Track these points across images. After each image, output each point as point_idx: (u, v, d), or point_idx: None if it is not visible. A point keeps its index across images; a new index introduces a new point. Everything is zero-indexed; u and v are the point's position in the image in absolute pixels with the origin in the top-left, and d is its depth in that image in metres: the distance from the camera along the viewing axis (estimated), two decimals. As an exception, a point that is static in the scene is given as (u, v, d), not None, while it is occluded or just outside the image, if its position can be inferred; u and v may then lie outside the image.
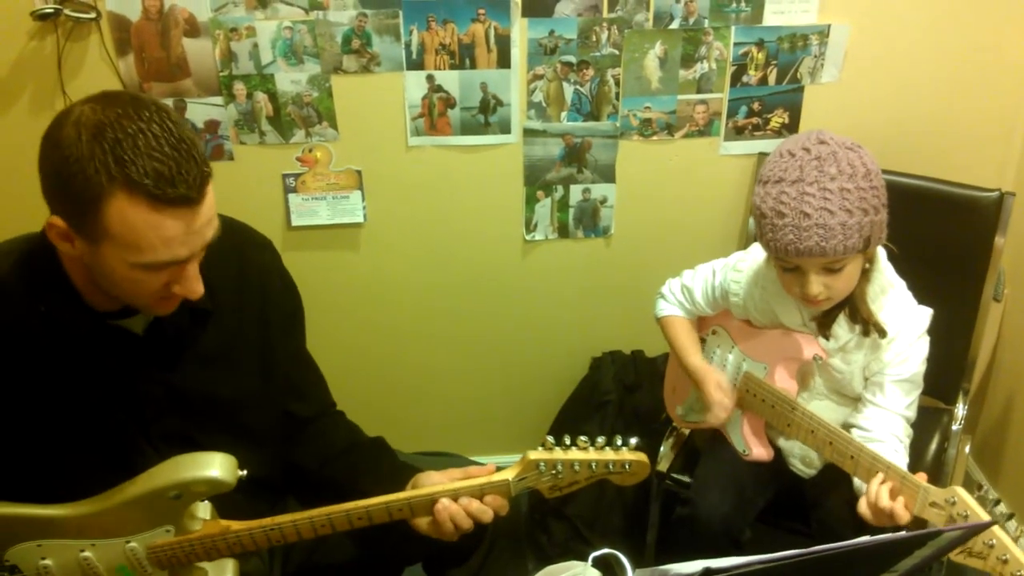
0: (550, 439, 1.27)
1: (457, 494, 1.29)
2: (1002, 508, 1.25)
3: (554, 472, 1.28)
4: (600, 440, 1.28)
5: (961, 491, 1.27)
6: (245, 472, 1.22)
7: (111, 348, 1.23)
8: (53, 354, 1.19)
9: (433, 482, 1.33)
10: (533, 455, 1.27)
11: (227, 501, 1.27)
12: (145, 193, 1.04)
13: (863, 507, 1.38)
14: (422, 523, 1.31)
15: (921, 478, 1.33)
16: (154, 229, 1.06)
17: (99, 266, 1.12)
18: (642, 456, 1.29)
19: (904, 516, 1.33)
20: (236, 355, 1.34)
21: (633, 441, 1.29)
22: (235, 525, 1.28)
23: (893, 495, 1.35)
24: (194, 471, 1.20)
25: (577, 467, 1.28)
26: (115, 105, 1.06)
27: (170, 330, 1.27)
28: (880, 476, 1.37)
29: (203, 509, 1.29)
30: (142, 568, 1.27)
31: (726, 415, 1.62)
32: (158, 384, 1.28)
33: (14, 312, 1.18)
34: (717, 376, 1.64)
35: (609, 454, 1.28)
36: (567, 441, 1.28)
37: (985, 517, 1.24)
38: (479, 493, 1.29)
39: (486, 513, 1.28)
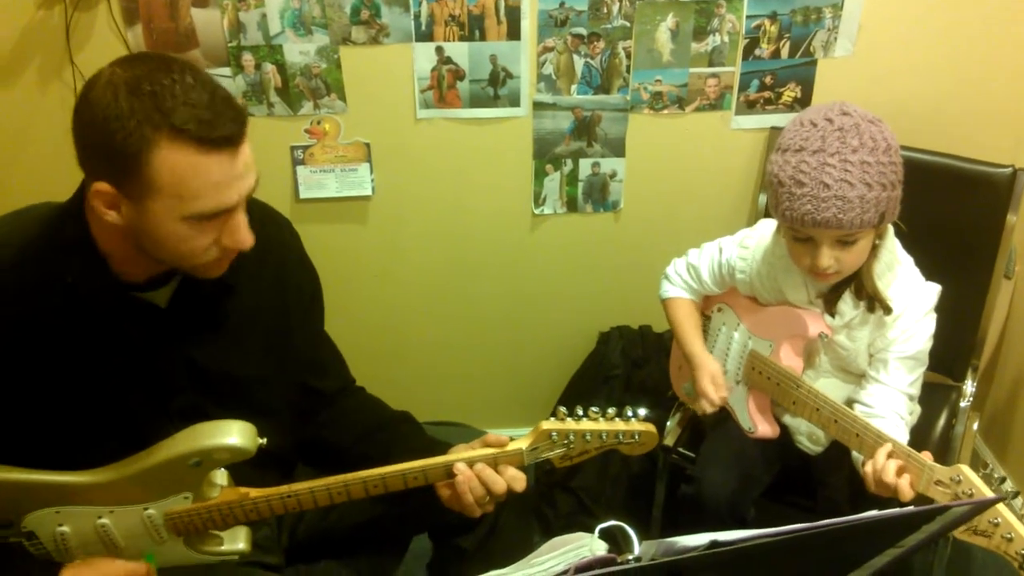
0: (562, 409, 1.30)
1: (471, 461, 1.30)
2: (1008, 486, 1.25)
3: (566, 442, 1.30)
4: (611, 411, 1.31)
5: (966, 469, 1.27)
6: (264, 440, 1.23)
7: (134, 320, 1.23)
8: (76, 324, 1.19)
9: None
10: (546, 425, 1.30)
11: (240, 472, 1.28)
12: (189, 138, 1.05)
13: (867, 470, 1.38)
14: (445, 494, 1.33)
15: (926, 457, 1.33)
16: (201, 175, 1.07)
17: (148, 228, 1.11)
18: (651, 427, 1.32)
19: (908, 493, 1.33)
20: (254, 332, 1.35)
21: (642, 412, 1.32)
22: (253, 492, 1.29)
23: (899, 472, 1.35)
24: (215, 439, 1.21)
25: (588, 437, 1.30)
26: (144, 62, 1.08)
27: (193, 303, 1.27)
28: (888, 447, 1.37)
29: (221, 476, 1.30)
30: (159, 535, 1.29)
31: (712, 410, 1.62)
32: (179, 357, 1.28)
33: (39, 280, 1.18)
34: (713, 368, 1.64)
35: (619, 424, 1.31)
36: (579, 412, 1.31)
37: (990, 495, 1.24)
38: (493, 462, 1.31)
39: (499, 483, 1.29)
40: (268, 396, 1.38)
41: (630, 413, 1.32)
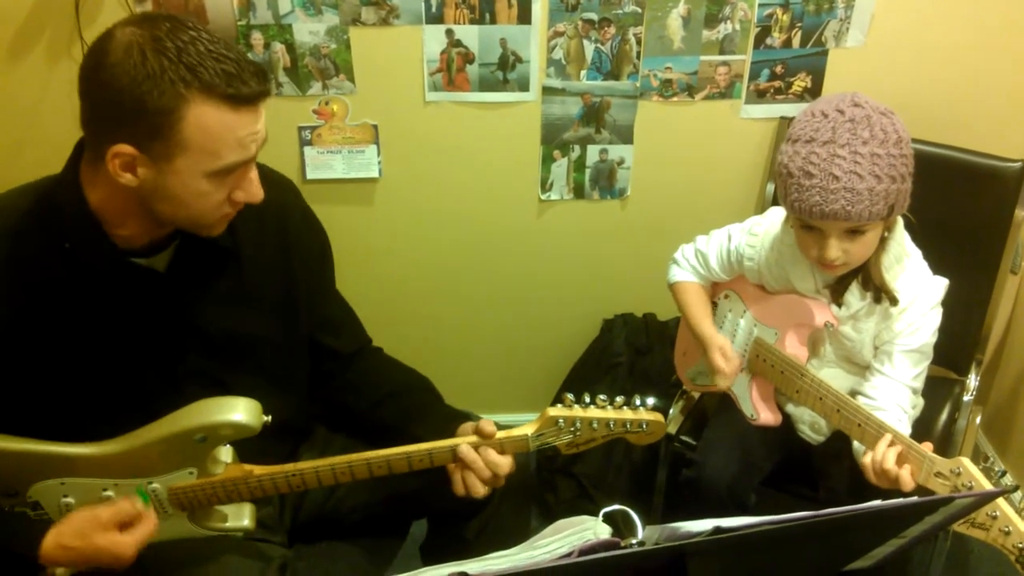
0: (569, 396, 1.29)
1: (477, 445, 1.30)
2: (1008, 480, 1.25)
3: (573, 429, 1.30)
4: (619, 399, 1.30)
5: (966, 461, 1.27)
6: (269, 418, 1.23)
7: (134, 286, 1.24)
8: (75, 292, 1.20)
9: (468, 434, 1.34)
10: (552, 411, 1.29)
11: (248, 444, 1.28)
12: (221, 94, 1.07)
13: (866, 461, 1.39)
14: (453, 475, 1.33)
15: (927, 448, 1.34)
16: (230, 130, 1.09)
17: (168, 186, 1.12)
18: (659, 416, 1.32)
19: (909, 483, 1.33)
20: (258, 294, 1.35)
21: (651, 401, 1.31)
22: (257, 470, 1.29)
23: (899, 462, 1.35)
24: (220, 414, 1.21)
25: (595, 425, 1.30)
26: (158, 21, 1.08)
27: (193, 268, 1.27)
28: (888, 437, 1.37)
29: (225, 453, 1.30)
30: (163, 510, 1.29)
31: (728, 382, 1.62)
32: (181, 323, 1.29)
33: (36, 249, 1.18)
34: (721, 342, 1.64)
35: (627, 413, 1.30)
36: (586, 399, 1.30)
37: (990, 488, 1.24)
38: (498, 447, 1.31)
39: (504, 464, 1.30)
40: (274, 360, 1.38)
41: (638, 402, 1.31)
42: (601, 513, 0.94)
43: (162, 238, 1.24)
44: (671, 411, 1.91)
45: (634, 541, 0.90)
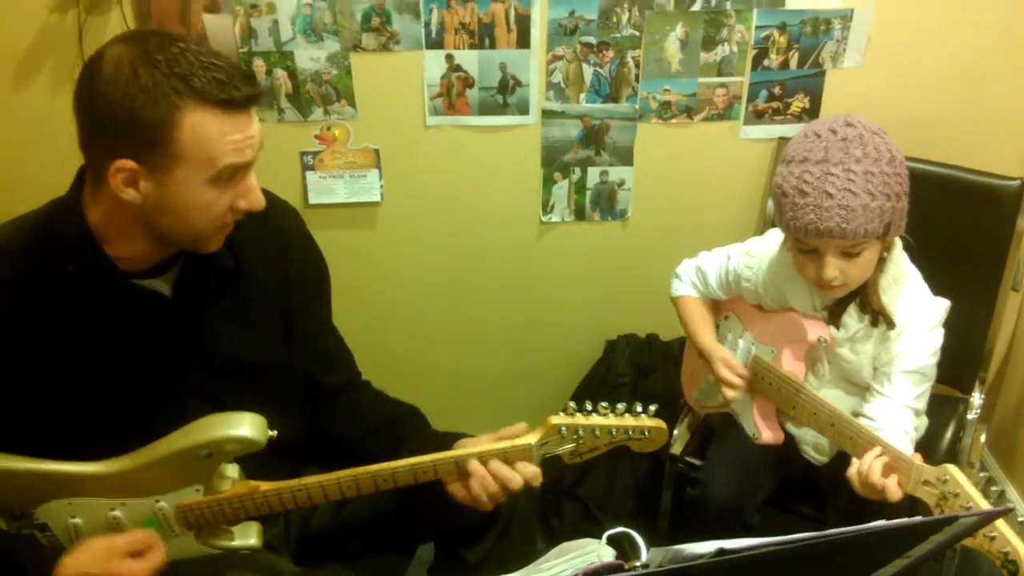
0: (572, 404, 1.30)
1: (483, 456, 1.30)
2: (994, 486, 1.26)
3: (575, 437, 1.31)
4: (620, 406, 1.31)
5: (953, 469, 1.27)
6: (275, 433, 1.24)
7: (137, 307, 1.24)
8: (78, 312, 1.21)
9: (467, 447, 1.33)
10: (555, 419, 1.30)
11: (252, 465, 1.28)
12: (214, 100, 1.09)
13: (851, 473, 1.38)
14: (456, 490, 1.32)
15: (916, 458, 1.34)
16: (225, 134, 1.11)
17: (170, 198, 1.13)
18: (661, 423, 1.32)
19: (896, 493, 1.33)
20: (259, 317, 1.36)
21: (652, 408, 1.32)
22: (263, 486, 1.29)
23: (887, 472, 1.35)
24: (226, 430, 1.22)
25: (598, 432, 1.31)
26: (146, 36, 1.11)
27: (197, 289, 1.28)
28: (877, 449, 1.37)
29: (232, 470, 1.30)
30: (170, 528, 1.29)
31: (734, 393, 1.62)
32: (186, 343, 1.29)
33: (39, 272, 1.19)
34: (724, 354, 1.64)
35: (629, 420, 1.31)
36: (588, 407, 1.31)
37: (977, 495, 1.24)
38: (503, 457, 1.31)
39: (515, 480, 1.29)
40: (275, 382, 1.39)
41: (639, 409, 1.32)
42: (605, 536, 0.93)
43: (166, 259, 1.25)
44: (675, 431, 1.91)
45: (638, 564, 0.89)
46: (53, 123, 1.98)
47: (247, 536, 1.34)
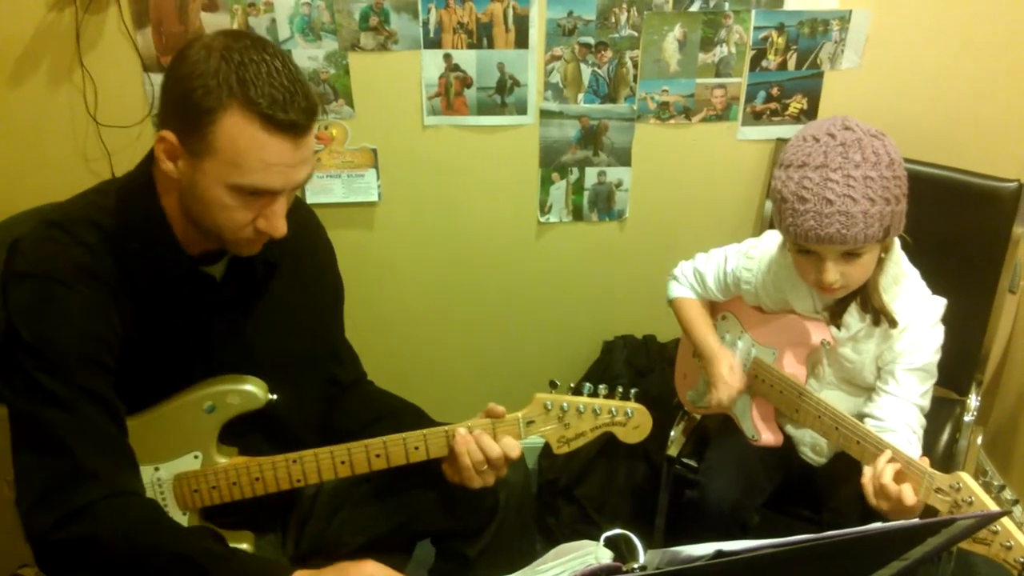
0: (557, 382, 1.39)
1: (471, 428, 1.36)
2: (1008, 494, 1.24)
3: (560, 414, 1.38)
4: (603, 389, 1.41)
5: (966, 476, 1.27)
6: (275, 396, 1.31)
7: (196, 289, 1.29)
8: (148, 289, 1.24)
9: None
10: (541, 395, 1.39)
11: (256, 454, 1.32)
12: (259, 113, 1.10)
13: (865, 480, 1.37)
14: (447, 469, 1.38)
15: (924, 463, 1.33)
16: (258, 150, 1.12)
17: (195, 187, 1.16)
18: (643, 407, 1.41)
19: (910, 499, 1.31)
20: (295, 312, 1.41)
21: (634, 391, 1.42)
22: (258, 459, 1.33)
23: (899, 479, 1.34)
24: (228, 384, 1.29)
25: (581, 408, 1.39)
26: (243, 38, 1.14)
27: (244, 277, 1.32)
28: (888, 453, 1.36)
29: (231, 451, 1.34)
30: (165, 506, 1.31)
31: (729, 395, 1.62)
32: (229, 330, 1.33)
33: (119, 252, 1.22)
34: (730, 359, 1.64)
35: (612, 401, 1.40)
36: (571, 385, 1.42)
37: (990, 503, 1.24)
38: (491, 430, 1.37)
39: (494, 448, 1.34)
40: (302, 377, 1.43)
41: (621, 391, 1.41)
42: (602, 537, 0.93)
43: (213, 251, 1.28)
44: (672, 433, 1.91)
45: (635, 566, 0.89)
46: (50, 121, 1.97)
47: (239, 544, 1.35)
